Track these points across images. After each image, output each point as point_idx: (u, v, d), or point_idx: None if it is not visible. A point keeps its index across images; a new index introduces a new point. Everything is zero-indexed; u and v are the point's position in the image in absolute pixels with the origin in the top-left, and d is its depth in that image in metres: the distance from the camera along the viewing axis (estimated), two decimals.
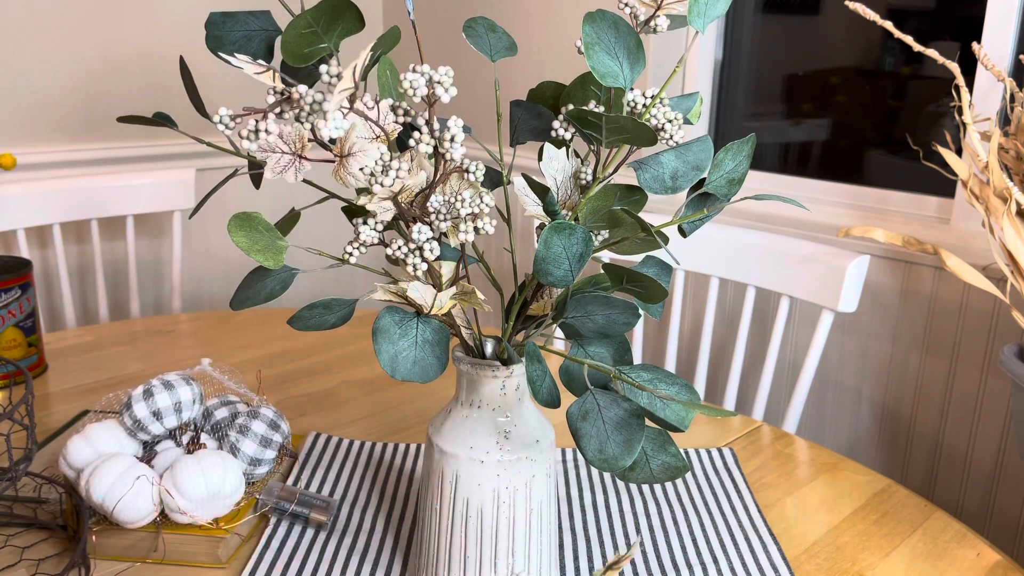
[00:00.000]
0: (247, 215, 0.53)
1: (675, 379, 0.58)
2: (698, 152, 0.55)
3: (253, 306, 0.58)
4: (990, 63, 1.13)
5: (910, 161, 1.59)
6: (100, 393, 1.07)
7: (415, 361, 0.54)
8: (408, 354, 0.54)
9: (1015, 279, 1.06)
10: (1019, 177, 1.10)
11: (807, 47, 1.71)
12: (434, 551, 0.65)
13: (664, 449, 0.57)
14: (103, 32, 1.83)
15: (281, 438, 0.82)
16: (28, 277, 1.09)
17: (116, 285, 1.98)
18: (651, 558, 0.75)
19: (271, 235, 0.54)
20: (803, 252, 1.26)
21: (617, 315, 0.55)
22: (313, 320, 0.58)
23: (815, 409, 1.65)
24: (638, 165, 0.56)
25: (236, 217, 0.53)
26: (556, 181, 0.58)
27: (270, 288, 0.58)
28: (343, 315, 0.59)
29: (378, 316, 0.54)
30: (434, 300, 0.55)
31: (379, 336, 0.53)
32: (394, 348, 0.53)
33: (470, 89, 2.15)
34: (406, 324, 0.54)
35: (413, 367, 0.53)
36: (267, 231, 0.53)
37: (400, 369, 0.53)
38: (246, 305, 0.58)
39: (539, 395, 0.55)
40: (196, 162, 2.01)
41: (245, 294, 0.58)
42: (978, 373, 1.41)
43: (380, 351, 0.53)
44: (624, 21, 0.54)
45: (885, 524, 0.82)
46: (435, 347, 0.54)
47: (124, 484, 0.70)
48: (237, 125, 0.53)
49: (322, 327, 0.59)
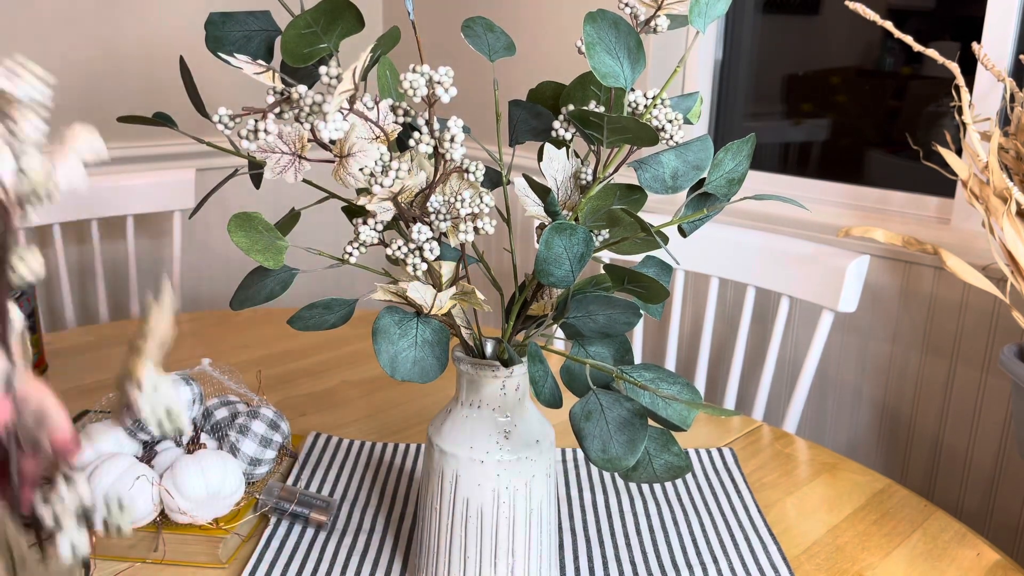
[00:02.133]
0: (247, 215, 0.53)
1: (676, 378, 0.57)
2: (698, 152, 0.55)
3: (253, 306, 0.58)
4: (990, 63, 1.13)
5: (910, 161, 1.59)
6: (100, 393, 1.07)
7: (415, 361, 0.54)
8: (408, 354, 0.54)
9: (1015, 279, 1.06)
10: (1019, 177, 1.10)
11: (807, 47, 1.71)
12: (434, 551, 0.65)
13: (667, 449, 0.57)
14: (102, 32, 1.82)
15: (281, 438, 0.82)
16: None
17: (116, 285, 1.98)
18: (651, 558, 0.75)
19: (271, 235, 0.54)
20: (803, 252, 1.26)
21: (618, 315, 0.55)
22: (313, 320, 0.58)
23: (815, 409, 1.65)
24: (638, 165, 0.56)
25: (236, 217, 0.53)
26: (556, 181, 0.57)
27: (270, 288, 0.58)
28: (343, 315, 0.59)
29: (378, 316, 0.54)
30: (434, 300, 0.55)
31: (379, 336, 0.53)
32: (394, 348, 0.53)
33: (469, 89, 2.15)
34: (406, 324, 0.54)
35: (413, 367, 0.53)
36: (267, 231, 0.54)
37: (400, 369, 0.53)
38: (246, 305, 0.58)
39: (541, 395, 0.55)
40: (196, 162, 2.01)
41: (245, 294, 0.58)
42: (978, 373, 1.41)
43: (380, 351, 0.53)
44: (624, 21, 0.54)
45: (885, 524, 0.82)
46: (435, 347, 0.54)
47: (124, 484, 0.70)
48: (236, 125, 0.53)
49: (322, 327, 0.59)
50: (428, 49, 2.24)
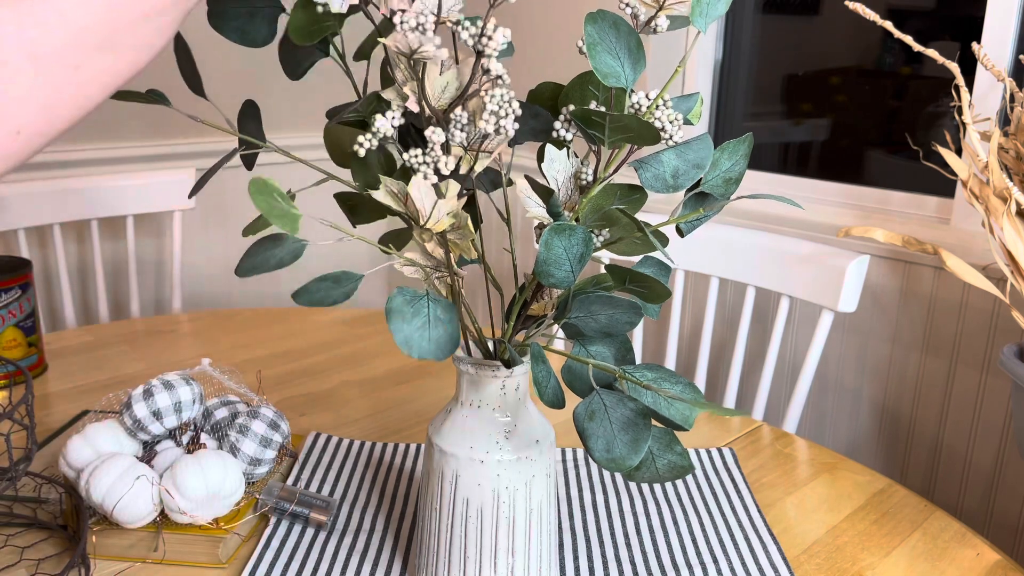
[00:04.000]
0: (264, 181, 0.52)
1: (679, 378, 0.58)
2: (698, 150, 0.55)
3: (261, 273, 0.57)
4: (990, 63, 1.13)
5: (910, 161, 1.59)
6: (100, 393, 1.07)
7: (431, 339, 0.53)
8: (422, 332, 0.53)
9: (1015, 279, 1.06)
10: (1019, 177, 1.10)
11: (807, 47, 1.71)
12: (434, 551, 0.65)
13: (670, 448, 0.57)
14: None
15: (281, 438, 0.82)
16: (28, 277, 1.09)
17: (116, 285, 1.98)
18: (651, 558, 0.75)
19: (287, 203, 0.53)
20: (803, 252, 1.26)
21: (620, 314, 0.55)
22: (320, 294, 0.58)
23: (815, 409, 1.65)
24: (639, 164, 0.56)
25: (255, 182, 0.51)
26: (558, 182, 0.57)
27: (280, 257, 0.57)
28: (347, 291, 0.59)
29: (389, 298, 0.54)
30: (433, 207, 0.54)
31: (393, 316, 0.53)
32: (408, 327, 0.53)
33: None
34: (417, 304, 0.54)
35: (430, 344, 0.53)
36: (283, 199, 0.53)
37: (416, 347, 0.52)
38: (252, 272, 0.57)
39: (545, 396, 0.55)
40: (196, 162, 2.01)
41: (252, 262, 0.57)
42: (978, 373, 1.41)
43: (395, 331, 0.52)
44: (625, 21, 0.54)
45: (885, 524, 0.82)
46: (447, 324, 0.54)
47: (124, 484, 0.70)
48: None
49: (324, 302, 0.58)
50: None
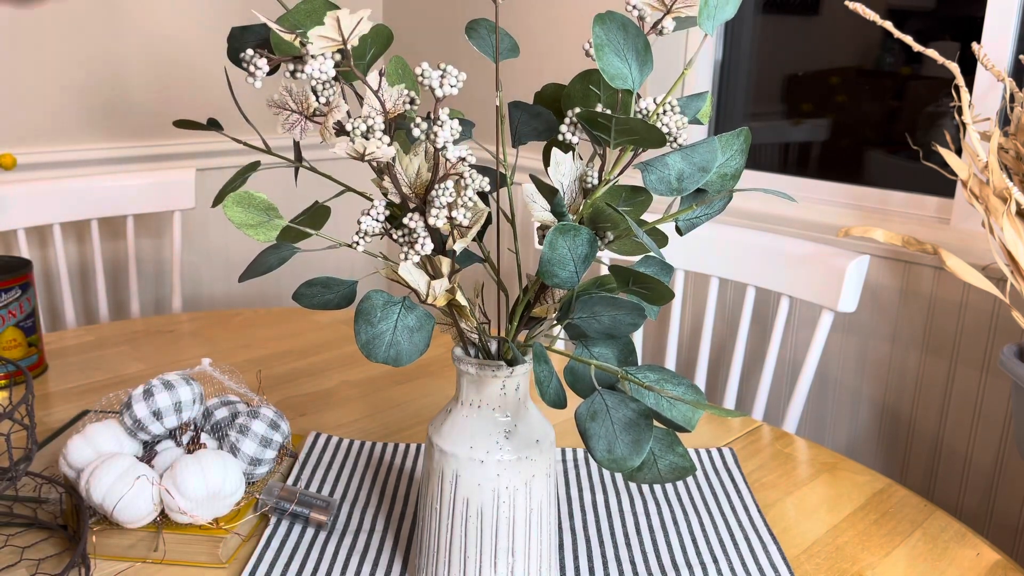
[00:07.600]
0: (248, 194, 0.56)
1: (680, 379, 0.57)
2: (704, 153, 0.55)
3: (254, 277, 0.61)
4: (990, 63, 1.13)
5: (910, 161, 1.59)
6: (100, 393, 1.07)
7: (390, 345, 0.55)
8: (385, 338, 0.55)
9: (1015, 279, 1.06)
10: (1019, 177, 1.10)
11: (807, 47, 1.71)
12: (434, 551, 0.65)
13: (672, 449, 0.57)
14: (103, 32, 1.82)
15: (281, 438, 0.82)
16: (28, 277, 1.09)
17: (116, 285, 1.97)
18: (651, 558, 0.75)
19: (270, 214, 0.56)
20: (803, 252, 1.26)
21: (623, 316, 0.55)
22: (316, 298, 0.60)
23: (815, 409, 1.65)
24: (644, 167, 0.56)
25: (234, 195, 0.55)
26: (563, 186, 0.58)
27: (269, 262, 0.61)
28: (344, 295, 0.61)
29: (363, 298, 0.55)
30: (428, 288, 0.56)
31: (359, 317, 0.55)
32: (372, 331, 0.55)
33: (471, 91, 2.15)
34: (389, 308, 0.56)
35: (388, 351, 0.55)
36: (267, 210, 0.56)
37: (375, 352, 0.55)
38: (247, 277, 0.61)
39: (547, 396, 0.55)
40: (196, 162, 2.00)
41: (250, 269, 0.62)
42: (978, 373, 1.41)
43: (358, 332, 0.55)
44: (632, 23, 0.54)
45: (885, 524, 0.82)
46: (414, 333, 0.56)
47: (124, 484, 0.70)
48: (256, 67, 0.54)
49: (327, 306, 0.60)
50: (430, 51, 2.24)
